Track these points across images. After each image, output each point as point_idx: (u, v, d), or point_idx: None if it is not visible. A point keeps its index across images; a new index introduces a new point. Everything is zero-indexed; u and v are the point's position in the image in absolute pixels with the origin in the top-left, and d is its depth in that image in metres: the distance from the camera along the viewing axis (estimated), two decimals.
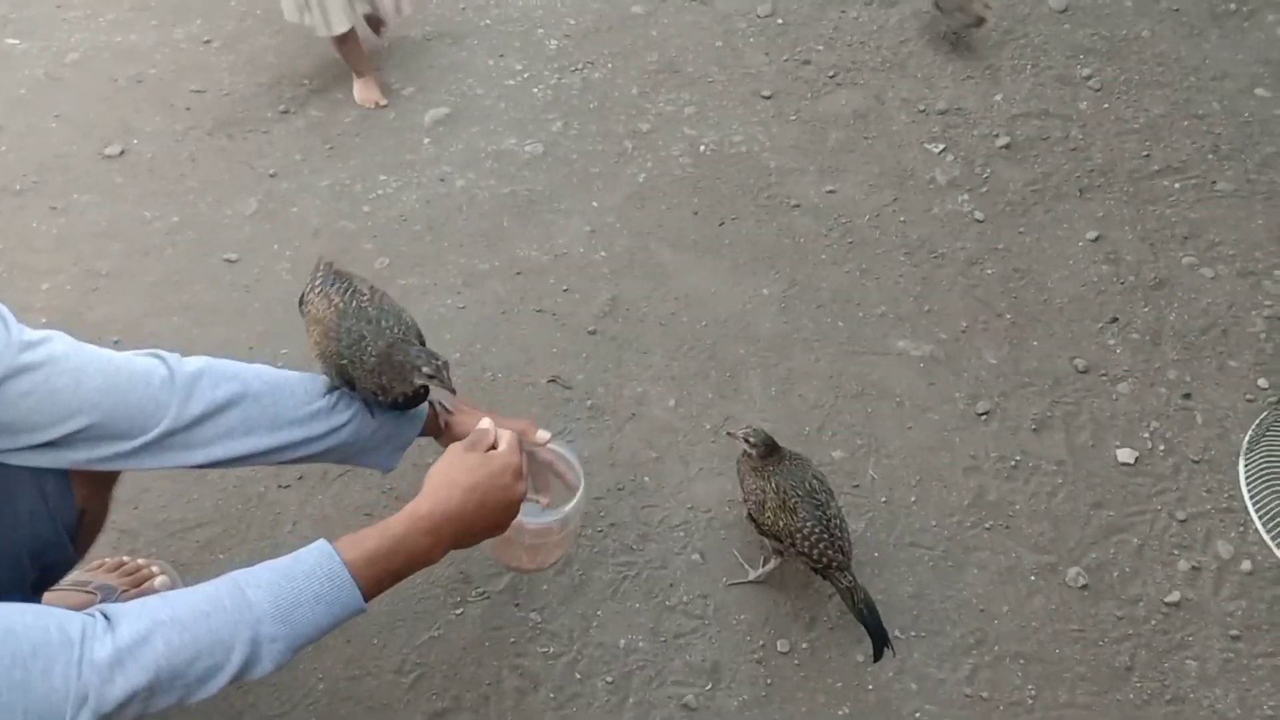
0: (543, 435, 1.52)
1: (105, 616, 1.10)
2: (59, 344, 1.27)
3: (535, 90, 2.95)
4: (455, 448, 1.36)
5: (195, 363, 1.37)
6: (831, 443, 2.12)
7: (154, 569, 1.83)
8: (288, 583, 1.18)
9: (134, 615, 1.11)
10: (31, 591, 1.36)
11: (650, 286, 2.43)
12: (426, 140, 2.79)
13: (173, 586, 1.82)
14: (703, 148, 2.78)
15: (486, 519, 1.32)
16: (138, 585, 1.79)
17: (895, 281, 2.43)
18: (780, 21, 3.18)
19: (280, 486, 2.02)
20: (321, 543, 1.22)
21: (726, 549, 1.97)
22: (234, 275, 2.41)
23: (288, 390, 1.42)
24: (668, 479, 2.08)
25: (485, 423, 1.40)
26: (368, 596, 1.22)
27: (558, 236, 2.55)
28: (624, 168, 2.73)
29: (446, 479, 1.30)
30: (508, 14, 3.20)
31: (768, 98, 2.92)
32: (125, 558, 1.84)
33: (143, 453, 1.32)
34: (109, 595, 1.75)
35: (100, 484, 1.43)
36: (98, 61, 3.02)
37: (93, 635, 1.07)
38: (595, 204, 2.64)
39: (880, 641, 1.70)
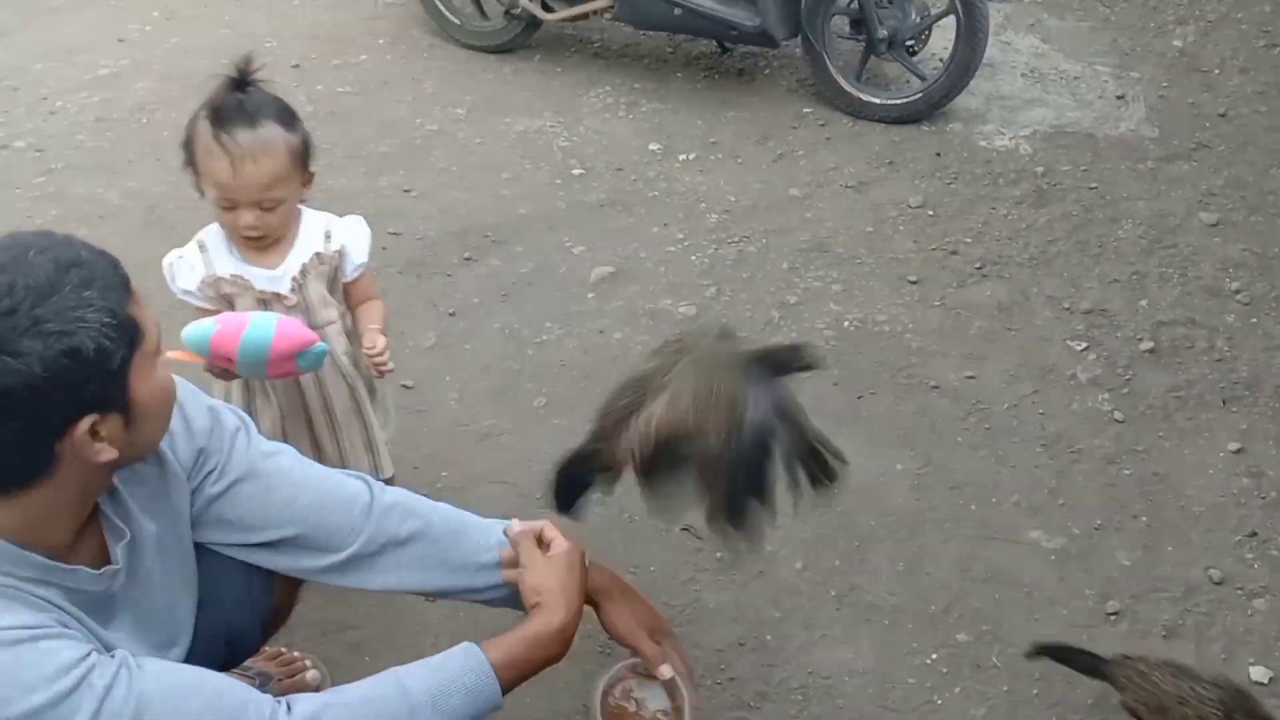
0: (665, 671, 1.60)
1: (288, 706, 1.25)
2: (286, 459, 1.47)
3: (693, 258, 3.18)
4: (536, 554, 1.49)
5: (392, 494, 1.52)
6: (957, 625, 2.15)
7: (306, 662, 1.98)
8: (441, 676, 1.32)
9: (308, 699, 1.26)
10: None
11: None
12: (590, 295, 3.02)
13: (322, 682, 1.97)
14: (846, 323, 2.92)
15: (580, 591, 1.49)
16: (291, 676, 1.94)
17: (1030, 472, 2.48)
18: (930, 213, 3.35)
19: (426, 600, 2.16)
20: (467, 644, 1.38)
21: (843, 718, 2.00)
22: (408, 400, 2.63)
23: (464, 538, 1.54)
24: (789, 640, 2.14)
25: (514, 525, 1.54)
26: (505, 687, 1.36)
27: None
28: (769, 335, 2.89)
29: (559, 586, 1.45)
30: (674, 188, 3.48)
31: (914, 282, 3.06)
32: (283, 649, 2.00)
33: (332, 571, 1.48)
34: (265, 682, 1.90)
35: (296, 584, 1.60)
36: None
37: (275, 714, 1.22)
38: None
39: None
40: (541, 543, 1.52)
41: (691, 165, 3.60)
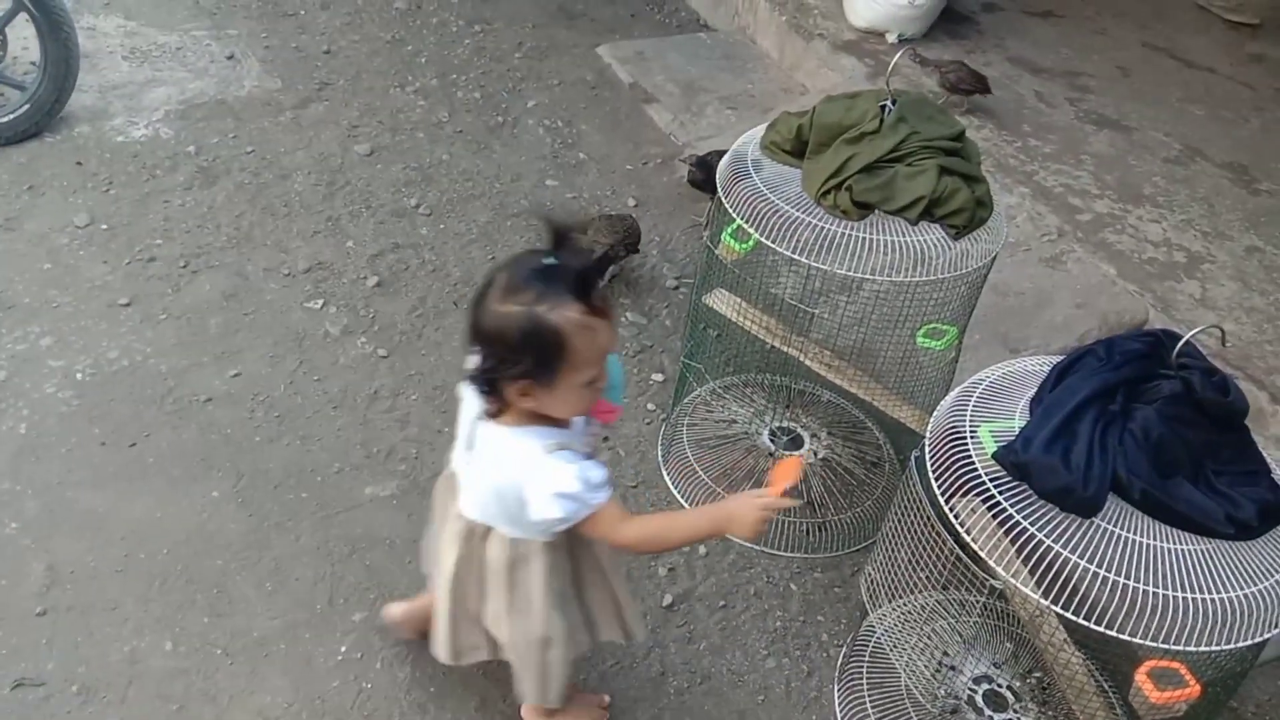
0: None
1: None
2: None
3: None
4: None
5: None
6: (347, 608, 2.16)
7: None
8: None
9: None
10: None
11: (87, 539, 2.23)
12: None
13: None
14: (79, 375, 2.59)
15: None
16: None
17: (336, 436, 2.53)
18: (105, 227, 3.07)
19: None
20: None
21: None
22: None
23: None
24: None
25: None
26: None
27: None
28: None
29: None
30: None
31: (127, 305, 2.82)
32: None
33: None
34: None
35: None
36: None
37: None
38: None
39: None
40: None
41: None
